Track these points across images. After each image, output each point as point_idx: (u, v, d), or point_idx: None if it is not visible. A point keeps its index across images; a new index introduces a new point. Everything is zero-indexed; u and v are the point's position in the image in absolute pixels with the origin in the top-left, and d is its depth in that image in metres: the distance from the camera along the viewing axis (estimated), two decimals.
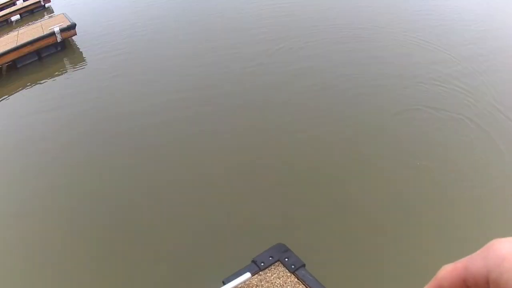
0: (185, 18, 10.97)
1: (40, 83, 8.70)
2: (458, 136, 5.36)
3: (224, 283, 2.93)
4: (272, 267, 3.00)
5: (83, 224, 4.81)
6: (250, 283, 2.96)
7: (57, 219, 4.99)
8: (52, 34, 9.66)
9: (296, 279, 2.98)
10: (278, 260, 3.02)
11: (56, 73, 9.06)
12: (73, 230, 4.77)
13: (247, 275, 2.94)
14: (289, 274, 2.99)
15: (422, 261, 3.65)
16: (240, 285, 2.94)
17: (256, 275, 2.97)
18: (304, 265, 2.99)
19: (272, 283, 2.97)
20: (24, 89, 8.60)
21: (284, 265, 3.00)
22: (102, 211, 4.93)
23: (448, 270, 0.37)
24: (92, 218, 4.86)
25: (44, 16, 14.20)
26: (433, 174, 4.79)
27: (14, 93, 8.54)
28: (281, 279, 2.98)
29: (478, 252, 0.35)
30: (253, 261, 3.00)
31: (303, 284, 2.95)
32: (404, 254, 3.89)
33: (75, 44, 10.38)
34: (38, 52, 9.77)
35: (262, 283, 2.96)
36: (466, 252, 0.36)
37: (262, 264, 2.98)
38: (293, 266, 2.98)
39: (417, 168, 4.85)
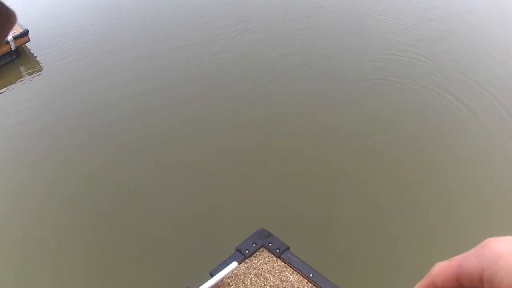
0: (147, 16, 10.67)
1: None
2: (426, 103, 5.55)
3: (212, 275, 2.92)
4: (257, 253, 3.02)
5: (70, 221, 4.76)
6: (237, 272, 2.97)
7: (45, 218, 4.92)
8: (5, 42, 9.26)
9: (282, 263, 3.01)
10: (262, 246, 3.04)
11: (13, 84, 8.70)
12: (63, 226, 4.73)
13: (234, 264, 2.94)
14: (275, 258, 3.01)
15: (404, 242, 3.78)
16: (228, 275, 2.95)
17: (243, 263, 2.98)
18: (288, 248, 3.02)
19: (259, 269, 2.99)
20: None
21: (269, 250, 3.02)
22: (81, 214, 4.85)
23: (442, 268, 0.37)
24: (76, 219, 4.78)
25: None
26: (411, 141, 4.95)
27: None
28: (267, 264, 3.00)
29: (472, 250, 0.35)
30: (238, 250, 3.01)
31: (290, 266, 2.98)
32: (385, 235, 4.01)
33: (29, 51, 9.99)
34: None
35: (250, 270, 2.98)
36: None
37: (247, 251, 2.99)
38: (277, 250, 3.00)
39: (394, 140, 4.97)
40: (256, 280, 2.94)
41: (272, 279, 2.94)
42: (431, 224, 4.09)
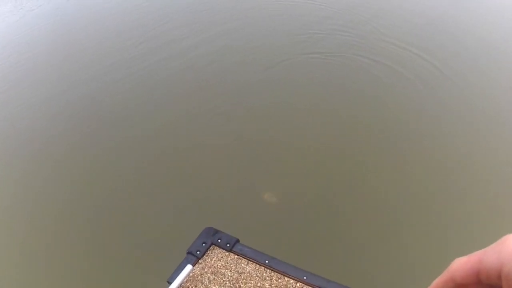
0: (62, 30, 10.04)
1: None
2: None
3: (169, 283, 2.97)
4: (208, 252, 3.06)
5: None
6: (194, 274, 3.01)
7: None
8: None
9: (236, 256, 3.09)
10: (212, 244, 3.09)
11: None
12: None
13: (189, 267, 2.97)
14: (227, 253, 3.08)
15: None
16: (185, 279, 3.00)
17: (197, 265, 3.02)
18: (238, 241, 3.12)
19: (215, 267, 3.05)
20: None
21: (219, 247, 3.08)
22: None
23: (461, 263, 0.38)
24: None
25: None
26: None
27: None
28: (221, 260, 3.07)
29: (491, 246, 0.35)
30: (189, 252, 3.03)
31: (244, 258, 3.07)
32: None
33: None
34: None
35: (205, 270, 3.03)
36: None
37: (198, 252, 3.03)
38: (228, 245, 3.07)
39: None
40: (214, 278, 3.01)
41: (229, 274, 3.01)
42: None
